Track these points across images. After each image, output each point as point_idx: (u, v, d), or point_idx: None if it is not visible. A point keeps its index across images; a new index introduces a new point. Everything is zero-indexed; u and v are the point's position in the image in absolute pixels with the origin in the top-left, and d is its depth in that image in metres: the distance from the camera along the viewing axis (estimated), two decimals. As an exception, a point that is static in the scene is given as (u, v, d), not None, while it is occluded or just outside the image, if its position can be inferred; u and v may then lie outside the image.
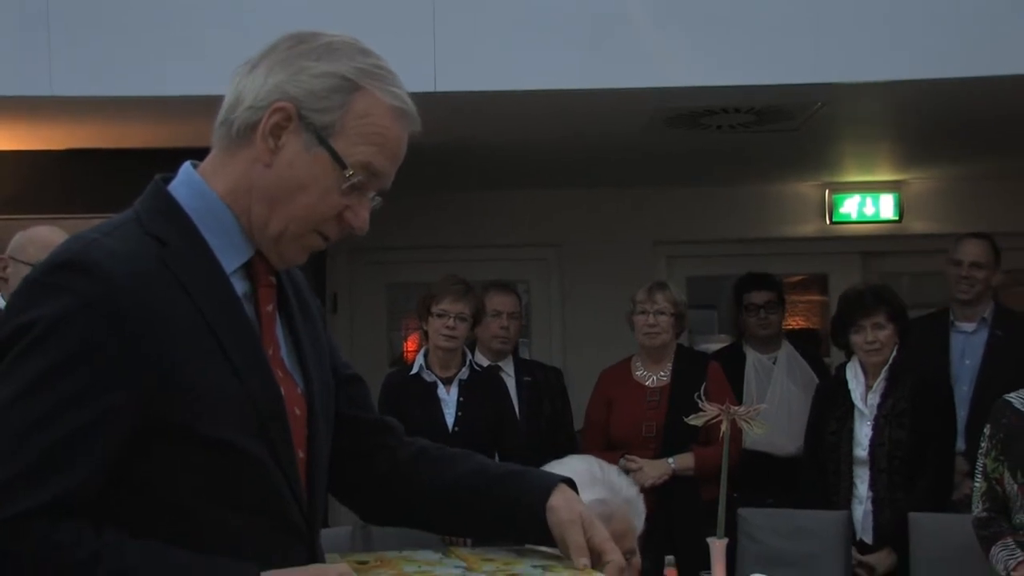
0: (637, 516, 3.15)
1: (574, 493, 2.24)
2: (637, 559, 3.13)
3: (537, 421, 6.28)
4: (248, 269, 2.12)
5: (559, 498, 2.20)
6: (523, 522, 2.17)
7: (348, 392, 2.34)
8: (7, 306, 1.99)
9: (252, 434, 2.01)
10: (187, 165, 2.12)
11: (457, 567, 2.08)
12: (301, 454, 2.12)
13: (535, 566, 2.09)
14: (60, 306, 1.88)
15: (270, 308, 2.14)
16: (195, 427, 1.94)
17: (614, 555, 2.13)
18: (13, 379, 1.88)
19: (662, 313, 6.16)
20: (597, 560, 2.11)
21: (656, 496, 5.81)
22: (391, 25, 5.85)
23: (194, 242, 2.04)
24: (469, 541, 2.82)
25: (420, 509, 2.23)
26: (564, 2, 6.13)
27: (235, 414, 1.99)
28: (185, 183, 2.10)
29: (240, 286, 2.09)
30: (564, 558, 2.12)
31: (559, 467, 3.13)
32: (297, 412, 2.12)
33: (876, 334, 5.74)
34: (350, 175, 2.07)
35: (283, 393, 2.09)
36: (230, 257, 2.08)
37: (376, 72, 2.09)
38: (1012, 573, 4.81)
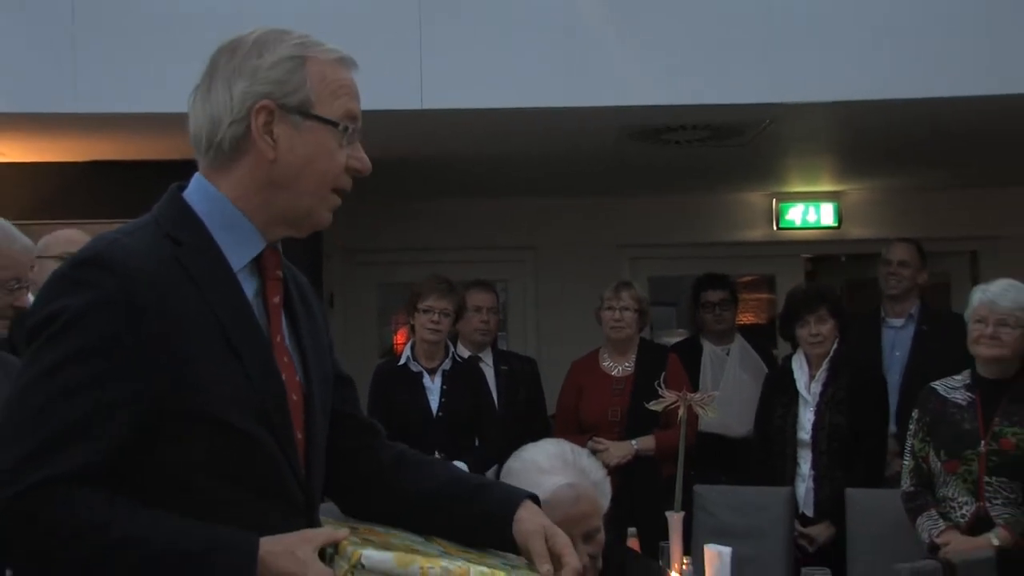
0: (603, 496, 3.16)
1: (537, 508, 2.24)
2: (602, 535, 3.14)
3: (513, 407, 6.27)
4: (258, 263, 2.13)
5: (524, 512, 2.21)
6: (492, 531, 2.18)
7: (340, 392, 2.33)
8: (37, 297, 2.01)
9: (255, 418, 2.01)
10: (198, 174, 2.13)
11: (437, 549, 2.09)
12: (300, 436, 2.12)
13: (504, 563, 2.09)
14: (84, 298, 1.90)
15: (277, 300, 2.15)
16: (203, 412, 1.95)
17: (572, 559, 2.14)
18: (40, 362, 1.90)
19: (627, 309, 6.17)
20: (557, 564, 2.12)
21: (620, 474, 5.82)
22: (381, 48, 5.83)
23: (206, 242, 2.06)
24: None
25: (398, 510, 2.21)
26: (540, 28, 6.13)
27: (240, 400, 2.00)
28: (197, 190, 2.12)
29: (250, 280, 2.11)
30: (528, 564, 2.13)
31: (535, 449, 3.19)
32: (295, 398, 2.12)
33: (819, 328, 5.76)
34: (342, 128, 2.11)
35: (285, 381, 2.10)
36: (240, 253, 2.09)
37: (308, 42, 2.13)
38: (936, 540, 4.84)
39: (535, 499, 2.28)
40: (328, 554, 1.97)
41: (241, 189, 2.09)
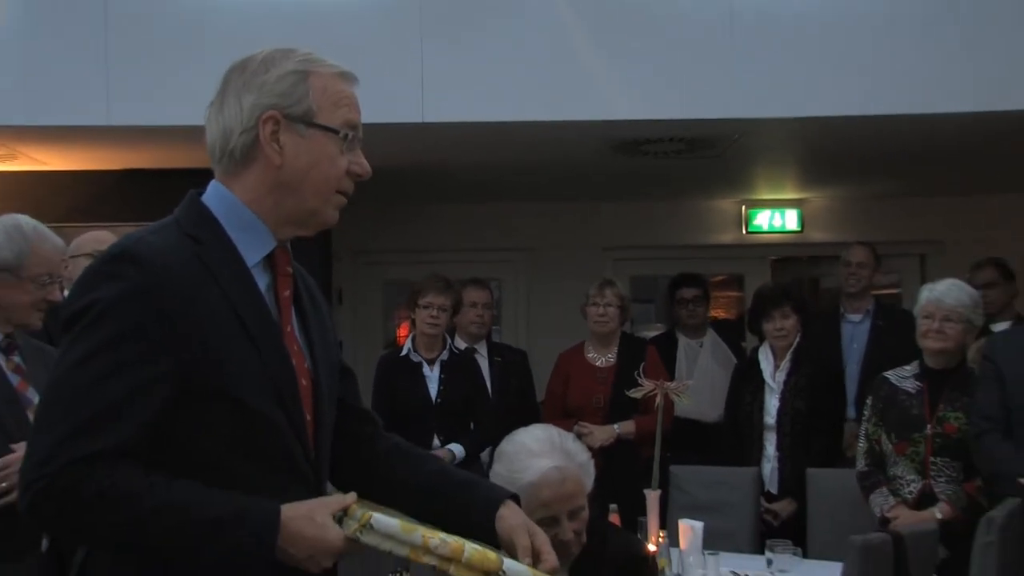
0: (587, 477, 3.16)
1: (518, 507, 2.26)
2: (586, 512, 3.14)
3: (506, 394, 6.24)
4: (270, 260, 2.14)
5: (506, 510, 2.23)
6: (476, 524, 2.18)
7: (343, 383, 2.34)
8: (71, 290, 2.04)
9: (270, 399, 2.04)
10: (214, 181, 2.16)
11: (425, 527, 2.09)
12: (309, 418, 2.13)
13: (477, 548, 2.11)
14: (114, 290, 1.93)
15: (287, 294, 2.17)
16: (223, 392, 1.98)
17: (550, 557, 2.16)
18: (75, 350, 1.93)
19: (610, 305, 6.15)
20: (536, 559, 2.13)
21: (603, 456, 5.82)
22: (386, 66, 5.85)
23: (222, 240, 2.08)
24: None
25: (391, 496, 2.22)
26: (532, 48, 6.12)
27: (255, 384, 2.02)
28: (214, 194, 2.14)
29: (263, 276, 2.13)
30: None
31: (525, 434, 3.19)
32: (304, 383, 2.13)
33: (783, 323, 5.78)
34: (343, 135, 2.13)
35: (295, 367, 2.11)
36: (254, 251, 2.11)
37: (311, 58, 2.16)
38: (886, 514, 4.87)
39: (516, 499, 2.29)
40: (337, 517, 1.99)
41: (253, 193, 2.11)
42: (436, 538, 2.03)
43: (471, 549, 2.05)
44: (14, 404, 3.41)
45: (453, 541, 2.04)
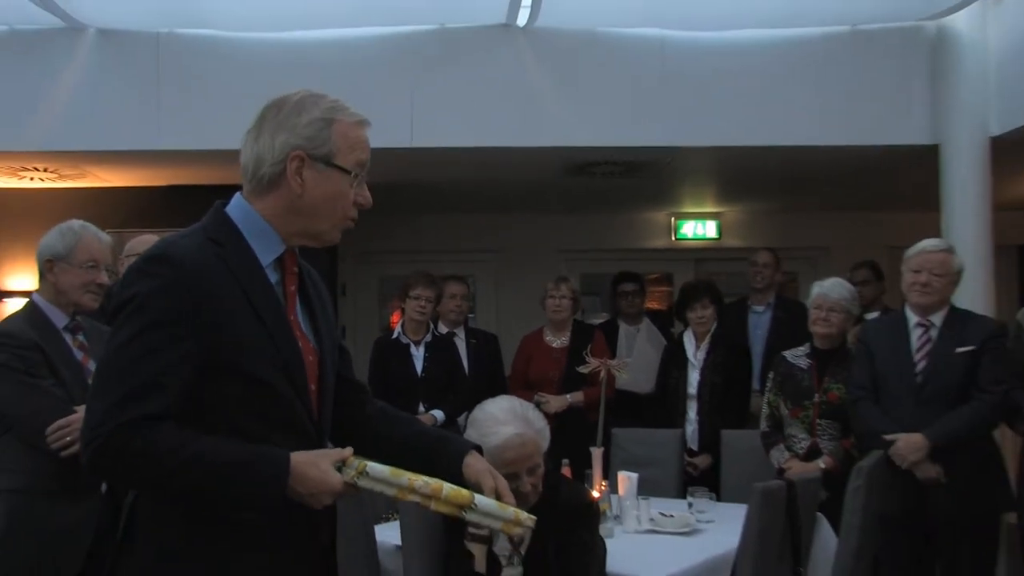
0: (544, 440, 3.20)
1: (481, 456, 2.28)
2: (541, 469, 3.18)
3: (479, 370, 6.21)
4: (280, 262, 2.14)
5: (471, 458, 2.25)
6: (446, 470, 2.18)
7: (341, 360, 2.33)
8: (120, 283, 2.05)
9: (278, 374, 2.04)
10: (239, 194, 2.14)
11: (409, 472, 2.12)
12: (313, 387, 2.14)
13: (452, 487, 2.15)
14: (151, 285, 1.94)
15: (293, 288, 2.16)
16: (240, 369, 1.99)
17: (509, 497, 2.18)
18: (121, 334, 1.94)
19: (564, 297, 6.15)
20: (497, 498, 2.16)
21: (557, 420, 5.84)
22: (382, 100, 5.85)
23: (241, 244, 2.07)
24: None
25: (377, 449, 2.18)
26: (502, 85, 6.14)
27: (267, 360, 2.02)
28: (236, 206, 2.12)
29: (273, 273, 2.12)
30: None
31: (492, 404, 3.23)
32: (310, 359, 2.14)
33: (703, 312, 5.81)
34: (354, 175, 2.13)
35: (300, 347, 2.11)
36: (266, 254, 2.10)
37: (335, 106, 2.13)
38: (782, 465, 4.91)
39: (479, 450, 2.31)
40: (337, 466, 2.00)
41: (271, 210, 2.10)
42: (420, 480, 2.04)
43: (448, 488, 2.07)
44: (79, 374, 3.44)
45: (433, 482, 2.06)
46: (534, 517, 2.22)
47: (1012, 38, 5.85)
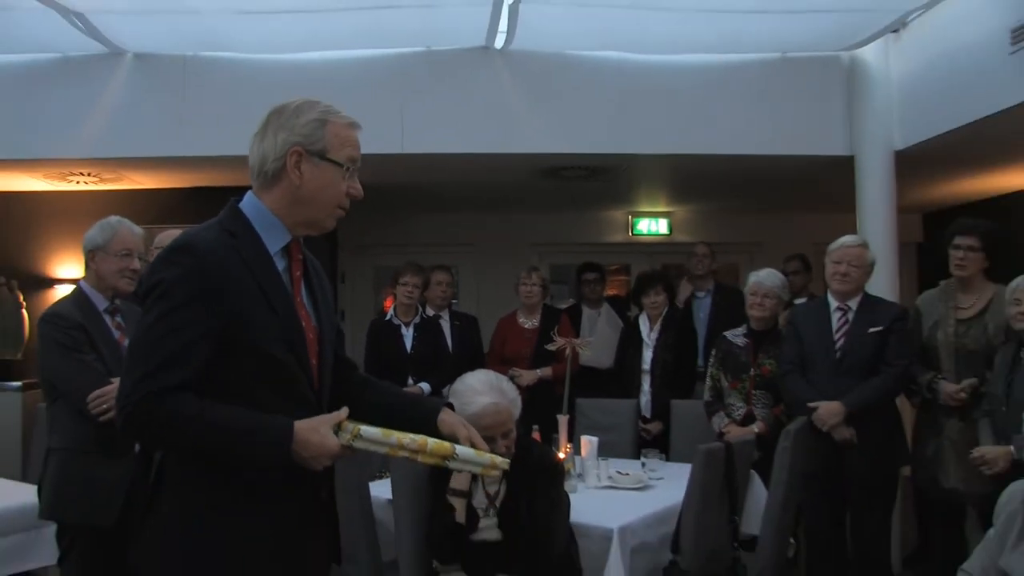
0: (516, 409, 3.23)
1: (453, 411, 2.30)
2: (514, 433, 3.21)
3: (462, 349, 6.18)
4: (287, 250, 2.14)
5: (445, 414, 2.27)
6: (423, 425, 2.19)
7: (336, 340, 2.33)
8: (148, 271, 2.06)
9: (285, 349, 2.05)
10: (250, 192, 2.15)
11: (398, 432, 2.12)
12: (314, 361, 2.14)
13: (436, 440, 2.14)
14: (175, 272, 1.95)
15: (298, 274, 2.17)
16: (252, 344, 2.00)
17: (482, 444, 2.20)
18: (149, 316, 1.95)
19: (535, 285, 6.16)
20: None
21: (529, 392, 5.86)
22: (376, 111, 5.76)
23: (252, 236, 2.08)
24: None
25: (365, 412, 2.17)
26: (481, 97, 6.10)
27: (275, 337, 2.03)
28: (248, 203, 2.14)
29: (281, 261, 2.12)
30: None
31: (471, 377, 3.27)
32: (311, 336, 2.14)
33: (656, 298, 5.81)
34: (346, 169, 2.13)
35: (304, 326, 2.12)
36: (274, 243, 2.11)
37: (329, 110, 2.15)
38: (722, 430, 4.93)
39: (451, 407, 2.33)
40: (334, 430, 2.01)
41: (277, 203, 2.11)
42: (407, 438, 2.05)
43: (432, 442, 2.09)
44: (116, 351, 3.48)
45: (419, 438, 2.07)
46: (508, 460, 2.23)
47: (910, 68, 5.93)
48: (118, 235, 3.61)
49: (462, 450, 2.15)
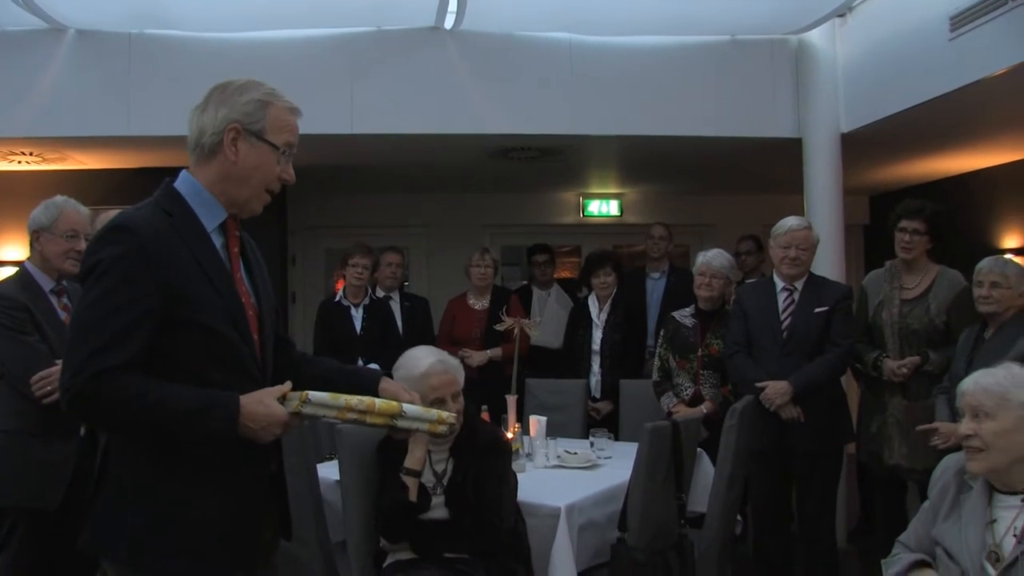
0: (460, 375, 3.32)
1: (391, 379, 2.39)
2: (462, 399, 3.28)
3: (412, 330, 6.18)
4: (223, 227, 2.16)
5: (384, 382, 2.35)
6: (365, 393, 2.23)
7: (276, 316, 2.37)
8: (86, 251, 2.06)
9: (227, 325, 2.08)
10: (185, 170, 2.17)
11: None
12: (255, 336, 2.17)
13: (383, 400, 2.19)
14: (113, 251, 1.96)
15: (236, 250, 2.19)
16: (194, 320, 2.02)
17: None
18: (89, 295, 1.96)
19: (488, 266, 6.17)
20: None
21: (479, 372, 5.91)
22: (325, 92, 5.85)
23: (188, 213, 2.10)
24: None
25: (305, 387, 2.16)
26: (431, 78, 6.08)
27: (217, 313, 2.05)
28: (183, 181, 2.15)
29: (218, 238, 2.14)
30: None
31: (414, 349, 3.37)
32: (251, 312, 2.16)
33: (605, 279, 5.81)
34: (281, 152, 2.15)
35: (243, 301, 2.14)
36: (211, 220, 2.12)
37: (273, 92, 2.17)
38: (670, 409, 4.99)
39: (390, 376, 2.43)
40: (280, 400, 2.04)
41: (211, 179, 2.13)
42: (355, 399, 2.09)
43: (380, 402, 2.14)
44: (61, 332, 3.46)
45: (367, 399, 2.12)
46: (454, 415, 2.28)
47: (855, 53, 6.03)
48: (64, 215, 3.59)
49: (409, 408, 2.20)
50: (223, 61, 5.84)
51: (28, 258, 3.64)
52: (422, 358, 3.26)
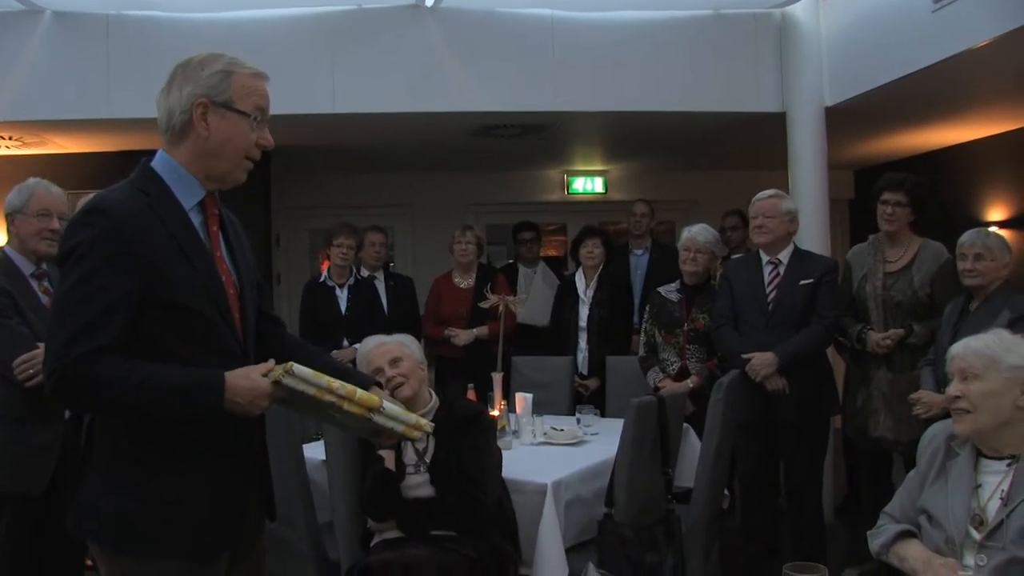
0: (409, 351, 3.43)
1: (380, 389, 2.41)
2: (405, 364, 3.37)
3: (397, 309, 6.18)
4: (202, 205, 2.15)
5: (374, 391, 2.33)
6: None
7: (260, 295, 2.36)
8: (63, 234, 2.04)
9: (207, 304, 2.07)
10: (161, 150, 2.16)
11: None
12: (236, 315, 2.17)
13: (364, 392, 2.19)
14: (90, 234, 1.95)
15: (215, 229, 2.18)
16: (174, 300, 2.01)
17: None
18: (68, 279, 1.95)
19: (470, 243, 6.17)
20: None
21: (465, 350, 5.94)
22: (307, 72, 5.75)
23: (166, 193, 2.08)
24: None
25: None
26: (412, 57, 6.05)
27: (196, 293, 2.05)
28: (159, 160, 2.14)
29: (196, 216, 2.13)
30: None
31: (399, 336, 3.45)
32: (231, 291, 2.16)
33: (594, 250, 5.82)
34: (253, 118, 2.14)
35: (223, 280, 2.13)
36: (189, 199, 2.11)
37: (234, 61, 2.16)
38: (657, 384, 5.01)
39: (380, 385, 2.43)
40: (264, 375, 2.04)
41: (186, 158, 2.12)
42: (337, 383, 2.09)
43: (361, 393, 2.13)
44: (44, 317, 3.41)
45: (349, 387, 2.11)
46: (432, 424, 2.28)
47: (839, 26, 6.03)
48: (35, 196, 3.59)
49: (389, 406, 2.20)
50: (203, 42, 5.64)
51: (7, 242, 3.63)
52: (368, 342, 3.45)
